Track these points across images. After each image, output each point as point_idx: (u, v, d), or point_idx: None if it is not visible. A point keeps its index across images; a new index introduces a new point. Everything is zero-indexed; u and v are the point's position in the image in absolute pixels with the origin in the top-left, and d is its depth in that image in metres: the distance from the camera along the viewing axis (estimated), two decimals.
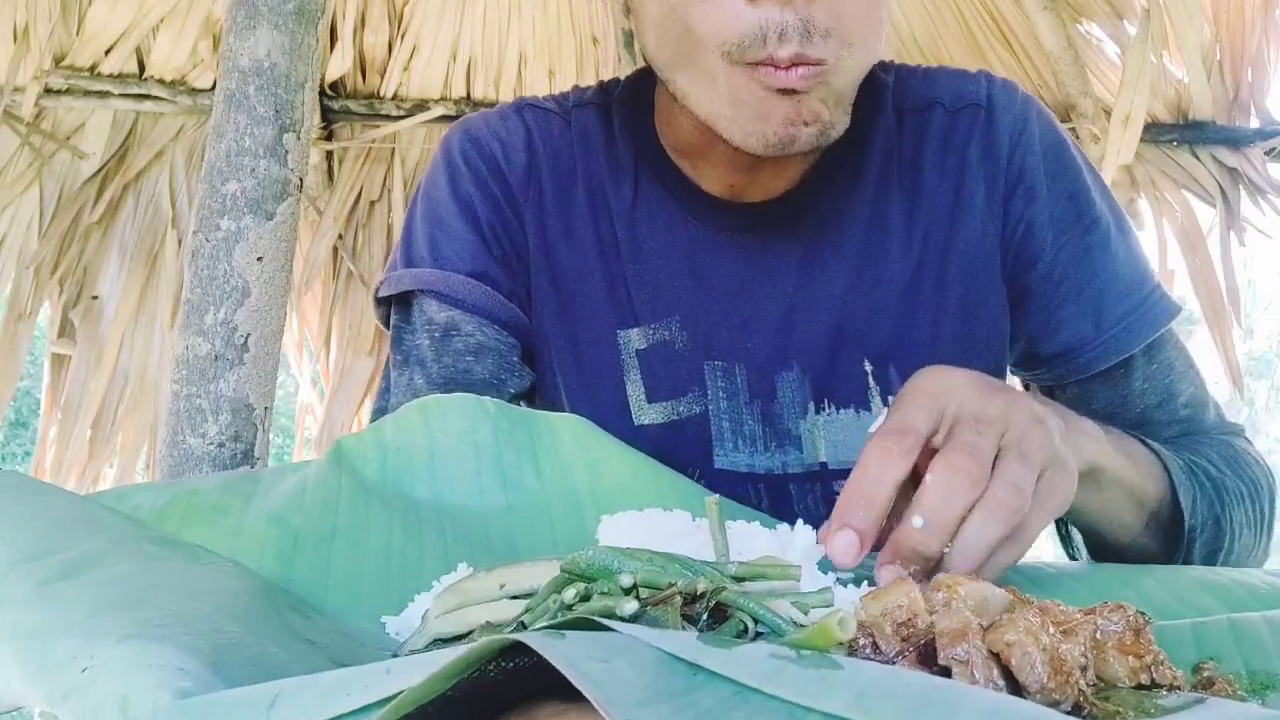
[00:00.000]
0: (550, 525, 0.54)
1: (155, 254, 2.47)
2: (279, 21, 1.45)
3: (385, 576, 0.48)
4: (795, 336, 0.77)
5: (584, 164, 0.81)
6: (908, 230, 0.78)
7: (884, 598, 0.35)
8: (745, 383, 0.77)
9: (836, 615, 0.30)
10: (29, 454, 7.95)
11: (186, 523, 0.48)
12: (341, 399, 2.52)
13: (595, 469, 0.57)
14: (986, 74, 0.82)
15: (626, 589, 0.36)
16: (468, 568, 0.46)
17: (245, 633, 0.34)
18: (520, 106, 0.85)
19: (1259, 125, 2.34)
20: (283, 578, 0.46)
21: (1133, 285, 0.76)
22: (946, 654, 0.31)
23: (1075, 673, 0.30)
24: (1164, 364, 0.78)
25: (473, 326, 0.76)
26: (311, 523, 0.50)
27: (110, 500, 0.49)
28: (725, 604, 0.36)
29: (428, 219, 0.80)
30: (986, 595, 0.35)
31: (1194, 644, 0.42)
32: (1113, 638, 0.34)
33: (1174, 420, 0.78)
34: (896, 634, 0.33)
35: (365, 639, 0.42)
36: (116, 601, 0.35)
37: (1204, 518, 0.68)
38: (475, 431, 0.57)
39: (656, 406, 0.78)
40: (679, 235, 0.78)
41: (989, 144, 0.78)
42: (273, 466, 0.57)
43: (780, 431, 0.77)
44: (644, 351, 0.78)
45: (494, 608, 0.40)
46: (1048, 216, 0.77)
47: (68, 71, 2.35)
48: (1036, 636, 0.30)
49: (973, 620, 0.32)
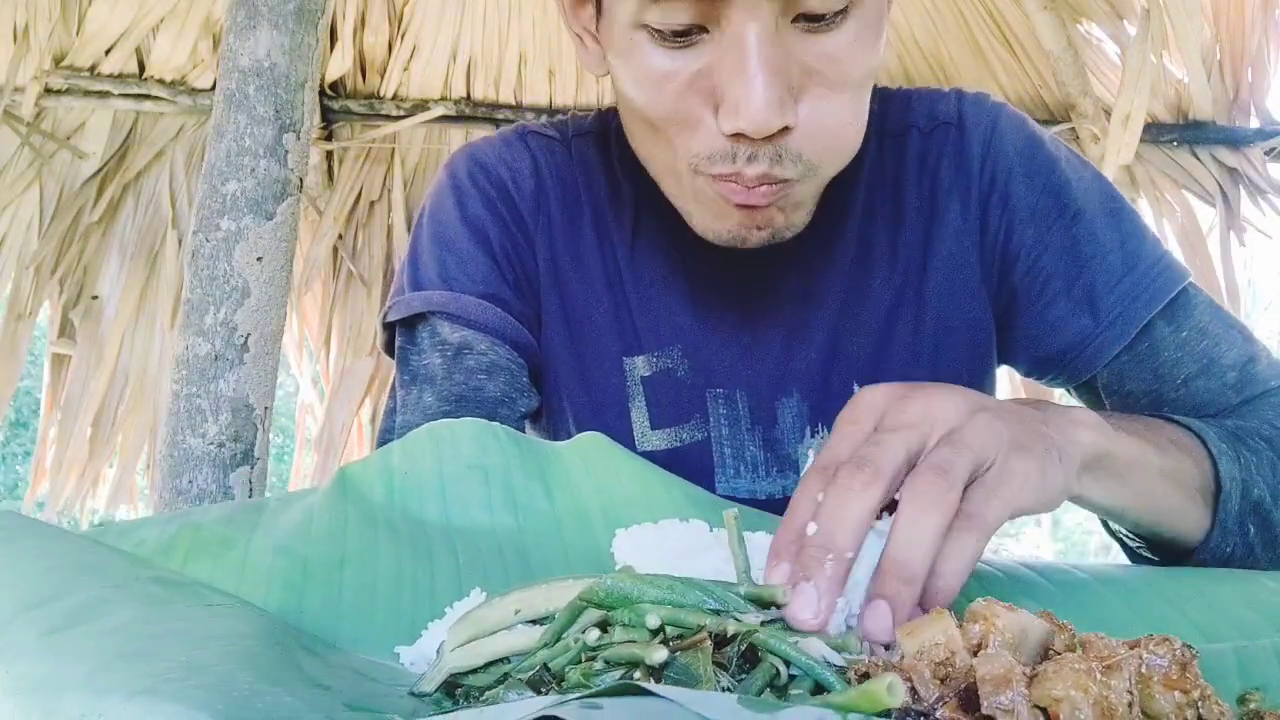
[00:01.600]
0: (562, 543, 0.53)
1: (155, 254, 2.47)
2: (279, 21, 1.45)
3: (398, 601, 0.47)
4: (794, 363, 0.78)
5: (588, 193, 0.82)
6: (891, 255, 0.79)
7: (920, 632, 0.33)
8: (747, 410, 0.78)
9: (885, 680, 0.29)
10: (29, 454, 7.95)
11: (191, 557, 0.47)
12: (341, 399, 2.52)
13: (605, 486, 0.56)
14: (958, 91, 0.82)
15: (653, 630, 0.35)
16: (480, 592, 0.45)
17: (257, 680, 0.34)
18: (523, 134, 0.85)
19: (1259, 125, 2.34)
20: (293, 608, 0.45)
21: (1128, 266, 0.74)
22: (990, 703, 0.30)
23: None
24: (1195, 330, 0.74)
25: (486, 345, 0.76)
26: (320, 551, 0.49)
27: (112, 537, 0.48)
28: (756, 646, 0.36)
29: (436, 241, 0.80)
30: (1025, 625, 0.34)
31: (1237, 670, 0.41)
32: (1158, 672, 0.33)
33: (1224, 385, 0.73)
34: (935, 675, 0.32)
35: (380, 675, 0.41)
36: (123, 652, 0.34)
37: (1273, 483, 0.64)
38: (484, 456, 0.56)
39: (660, 433, 0.78)
40: (679, 267, 0.79)
41: (961, 160, 0.79)
42: (276, 496, 0.56)
43: (781, 457, 0.78)
44: (649, 379, 0.79)
45: (510, 637, 0.40)
46: (1028, 215, 0.77)
47: (68, 71, 2.35)
48: (1086, 689, 0.29)
49: (1015, 666, 0.31)
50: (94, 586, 0.40)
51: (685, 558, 0.47)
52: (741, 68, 0.58)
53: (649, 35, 0.60)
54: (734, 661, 0.35)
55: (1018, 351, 0.81)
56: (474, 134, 2.55)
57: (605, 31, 0.65)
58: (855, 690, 0.30)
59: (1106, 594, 0.52)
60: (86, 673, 0.32)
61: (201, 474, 1.38)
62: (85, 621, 0.37)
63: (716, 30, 0.59)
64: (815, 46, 0.59)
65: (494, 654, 0.40)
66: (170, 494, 1.39)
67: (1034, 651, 0.35)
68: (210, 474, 1.39)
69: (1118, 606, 0.50)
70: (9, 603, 0.38)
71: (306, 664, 0.38)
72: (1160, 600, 0.51)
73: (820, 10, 0.58)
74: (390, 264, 2.58)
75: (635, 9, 0.59)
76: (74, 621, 0.37)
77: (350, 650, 0.44)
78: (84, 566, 0.43)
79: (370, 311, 2.56)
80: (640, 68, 0.62)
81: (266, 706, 0.31)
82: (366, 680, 0.40)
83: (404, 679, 0.41)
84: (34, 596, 0.38)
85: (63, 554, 0.43)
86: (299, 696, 0.33)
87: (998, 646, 0.33)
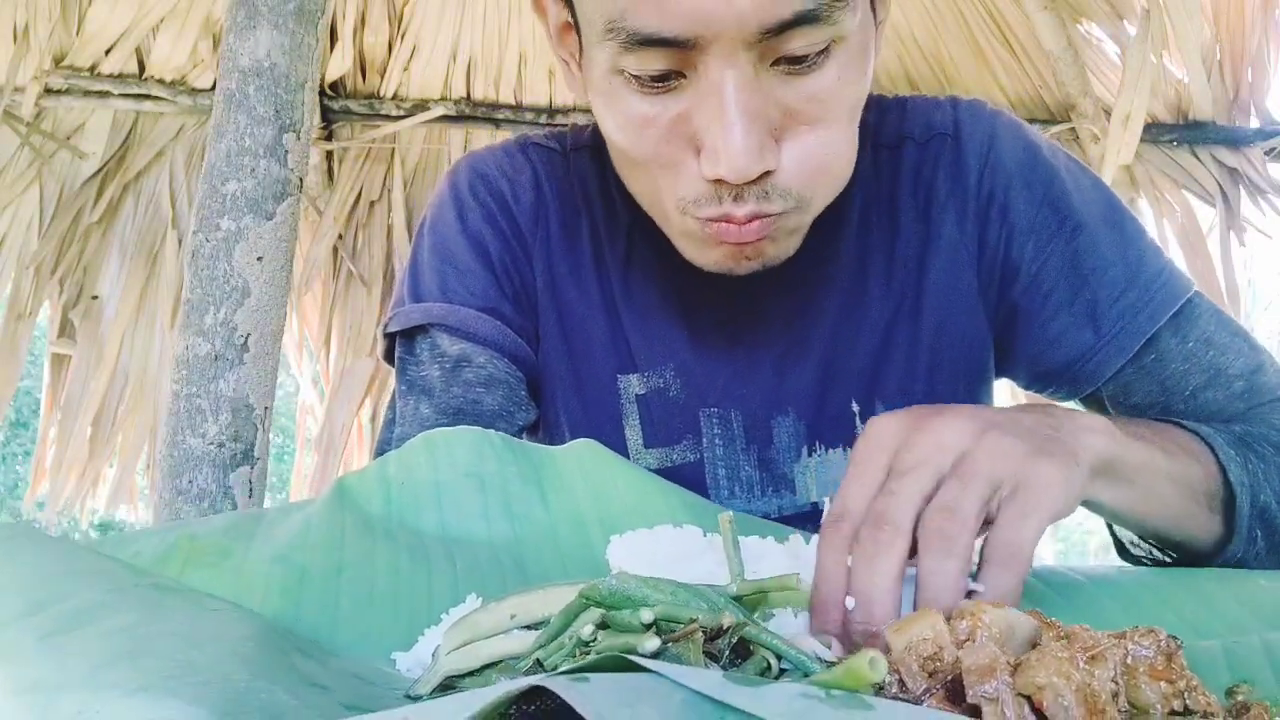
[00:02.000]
0: (558, 550, 0.54)
1: (155, 254, 2.47)
2: (279, 21, 1.45)
3: (395, 609, 0.47)
4: (789, 381, 0.77)
5: (585, 208, 0.82)
6: (887, 270, 0.78)
7: (908, 629, 0.34)
8: (742, 429, 0.78)
9: (867, 655, 0.29)
10: (29, 454, 7.95)
11: (189, 566, 0.47)
12: (341, 399, 2.52)
13: (601, 493, 0.56)
14: (953, 100, 0.81)
15: (647, 624, 0.35)
16: (477, 598, 0.45)
17: (254, 679, 0.34)
18: (524, 145, 0.84)
19: (1259, 125, 2.34)
20: (290, 616, 0.45)
21: (1129, 280, 0.74)
22: (975, 691, 0.30)
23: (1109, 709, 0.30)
24: (1201, 340, 0.74)
25: (484, 358, 0.76)
26: (317, 559, 0.49)
27: (109, 548, 0.48)
28: (748, 640, 0.36)
29: (436, 253, 0.80)
30: (1012, 622, 0.34)
31: (1226, 665, 0.41)
32: (1144, 663, 0.33)
33: (1231, 395, 0.73)
34: (923, 669, 0.33)
35: (376, 679, 0.41)
36: (121, 652, 0.34)
37: (1278, 489, 0.63)
38: (480, 464, 0.57)
39: (653, 452, 0.78)
40: (672, 286, 0.78)
41: (957, 172, 0.78)
42: (274, 506, 0.56)
43: (776, 476, 0.78)
44: (643, 397, 0.78)
45: (506, 641, 0.40)
46: (1027, 229, 0.76)
47: (68, 71, 2.35)
48: (1068, 676, 0.30)
49: (1000, 656, 0.31)
50: (92, 591, 0.40)
51: (679, 563, 0.47)
52: (720, 115, 0.57)
53: (626, 80, 0.59)
54: (725, 654, 0.35)
55: (1019, 365, 0.80)
56: (474, 134, 2.56)
57: (586, 70, 0.64)
58: (838, 667, 0.30)
59: (1100, 595, 0.52)
60: (84, 672, 0.32)
61: (201, 474, 1.38)
62: (83, 625, 0.37)
63: (694, 75, 0.58)
64: (797, 88, 0.58)
65: (490, 657, 0.40)
66: (170, 494, 1.39)
67: (1021, 647, 0.35)
68: (210, 474, 1.39)
69: (1111, 607, 0.50)
70: (6, 608, 0.38)
71: (303, 666, 0.38)
72: (1154, 600, 0.51)
73: (800, 53, 0.56)
74: (390, 264, 2.58)
75: (612, 56, 0.58)
76: (72, 624, 0.37)
77: (347, 656, 0.44)
78: (81, 573, 0.43)
79: (370, 311, 2.56)
80: (620, 112, 0.61)
81: (264, 704, 0.32)
82: (363, 683, 0.40)
83: (400, 684, 0.42)
84: (31, 601, 0.38)
85: (60, 561, 0.43)
86: (297, 696, 0.34)
87: (984, 640, 0.33)
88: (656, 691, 0.26)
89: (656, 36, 0.55)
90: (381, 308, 2.56)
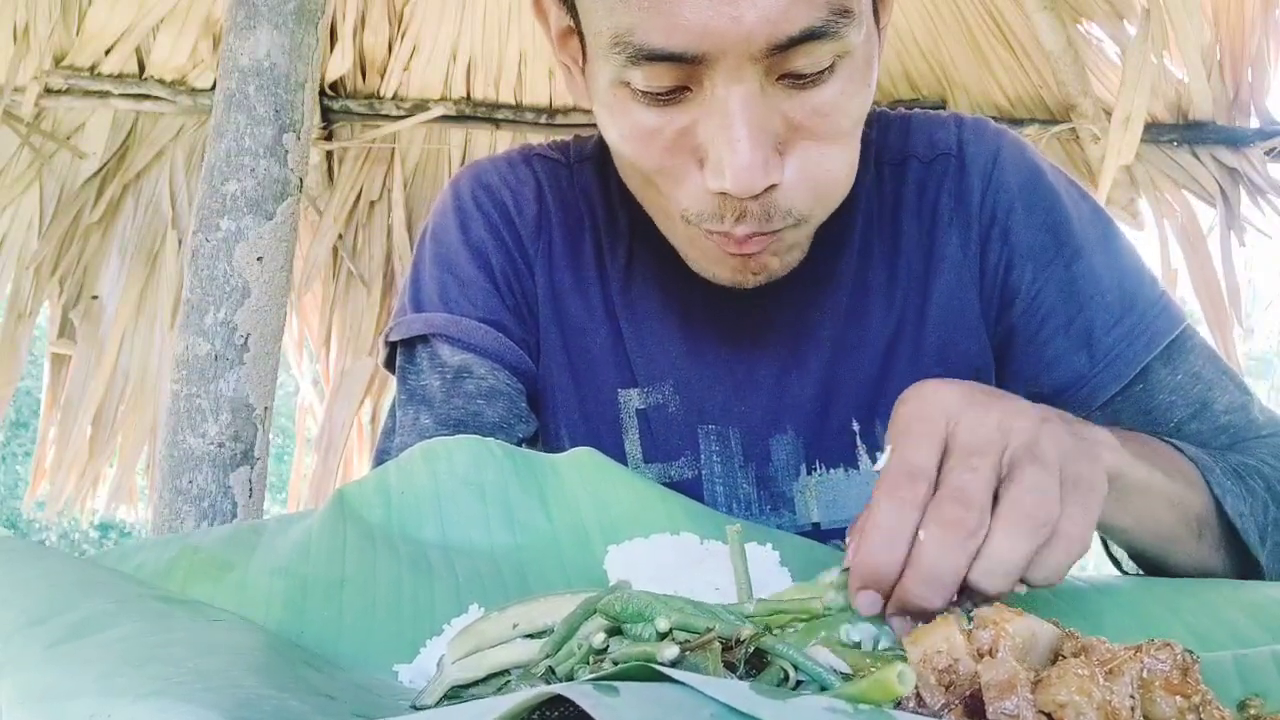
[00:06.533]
0: (560, 559, 0.53)
1: (155, 254, 2.47)
2: (279, 21, 1.45)
3: (398, 620, 0.47)
4: (788, 399, 0.77)
5: (589, 221, 0.81)
6: (889, 288, 0.78)
7: (923, 640, 0.33)
8: (740, 447, 0.77)
9: (895, 669, 0.29)
10: (29, 454, 7.95)
11: (191, 579, 0.47)
12: (341, 399, 2.52)
13: (602, 502, 0.56)
14: (957, 118, 0.81)
15: (663, 633, 0.35)
16: (479, 608, 0.45)
17: (263, 687, 0.34)
18: (528, 156, 0.84)
19: (1259, 125, 2.34)
20: (293, 628, 0.45)
21: (1126, 307, 0.74)
22: (995, 708, 0.30)
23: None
24: (1190, 374, 0.74)
25: (485, 370, 0.76)
26: (319, 571, 0.49)
27: (112, 560, 0.48)
28: (765, 651, 0.36)
29: (438, 263, 0.80)
30: (1034, 631, 0.34)
31: (1237, 677, 0.41)
32: (1160, 677, 0.33)
33: (1216, 429, 0.74)
34: (940, 681, 0.32)
35: (381, 690, 0.41)
36: (129, 660, 0.34)
37: (1270, 518, 0.64)
38: (480, 473, 0.57)
39: (652, 467, 0.78)
40: (672, 300, 0.78)
41: (961, 192, 0.78)
42: (274, 518, 0.56)
43: (775, 494, 0.77)
44: (643, 412, 0.78)
45: (511, 649, 0.40)
46: (1027, 252, 0.76)
47: (68, 71, 2.35)
48: (1089, 693, 0.30)
49: (1020, 672, 0.31)
50: (97, 603, 0.40)
51: (677, 572, 0.47)
52: (725, 129, 0.57)
53: (632, 93, 0.59)
54: (743, 663, 0.35)
55: (1014, 387, 0.79)
56: (474, 134, 2.56)
57: (591, 80, 0.64)
58: (866, 680, 0.30)
59: (1106, 603, 0.53)
60: (94, 680, 0.32)
61: (201, 474, 1.38)
62: (89, 634, 0.37)
63: (700, 89, 0.58)
64: (802, 103, 0.58)
65: (494, 666, 0.40)
66: (170, 494, 1.39)
67: (1044, 656, 0.35)
68: (210, 474, 1.39)
69: (1117, 615, 0.50)
70: (10, 620, 0.38)
71: (310, 676, 0.38)
72: (1161, 609, 0.51)
73: (806, 70, 0.56)
74: (390, 264, 2.58)
75: (618, 69, 0.58)
76: (78, 634, 0.37)
77: (351, 669, 0.44)
78: (86, 585, 0.43)
79: (370, 311, 2.56)
80: (625, 124, 0.61)
81: (275, 710, 0.31)
82: (369, 694, 0.40)
83: (405, 694, 0.42)
84: (36, 613, 0.38)
85: (63, 574, 0.43)
86: (306, 703, 0.34)
87: (1007, 652, 0.33)
88: (685, 704, 0.26)
89: (664, 52, 0.55)
90: (381, 308, 2.56)
